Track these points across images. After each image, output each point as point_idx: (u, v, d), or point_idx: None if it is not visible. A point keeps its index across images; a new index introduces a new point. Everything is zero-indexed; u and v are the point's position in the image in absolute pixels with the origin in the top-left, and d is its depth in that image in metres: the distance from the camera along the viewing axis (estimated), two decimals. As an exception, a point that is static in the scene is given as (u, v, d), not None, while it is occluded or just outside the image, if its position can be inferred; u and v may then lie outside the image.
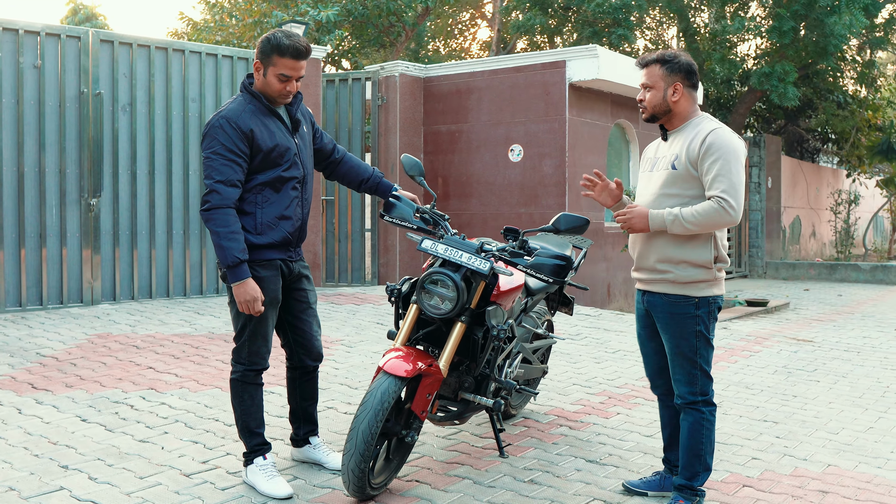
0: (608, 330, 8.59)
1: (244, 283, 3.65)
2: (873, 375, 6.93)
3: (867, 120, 19.57)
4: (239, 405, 3.90)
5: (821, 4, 14.67)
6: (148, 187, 9.19)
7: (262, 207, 3.78)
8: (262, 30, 14.25)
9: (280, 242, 3.84)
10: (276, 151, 3.78)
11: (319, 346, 4.16)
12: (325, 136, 4.24)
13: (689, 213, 3.50)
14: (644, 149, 4.03)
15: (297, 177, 3.88)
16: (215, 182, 3.65)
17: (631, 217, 3.61)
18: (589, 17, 17.24)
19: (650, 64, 3.74)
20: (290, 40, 3.74)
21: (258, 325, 3.84)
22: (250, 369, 3.89)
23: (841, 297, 13.63)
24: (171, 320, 7.92)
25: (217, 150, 3.67)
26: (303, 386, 4.18)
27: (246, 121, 3.71)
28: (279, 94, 3.78)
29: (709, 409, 3.67)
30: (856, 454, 4.77)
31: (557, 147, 10.49)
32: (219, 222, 3.63)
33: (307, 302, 4.09)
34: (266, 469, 3.86)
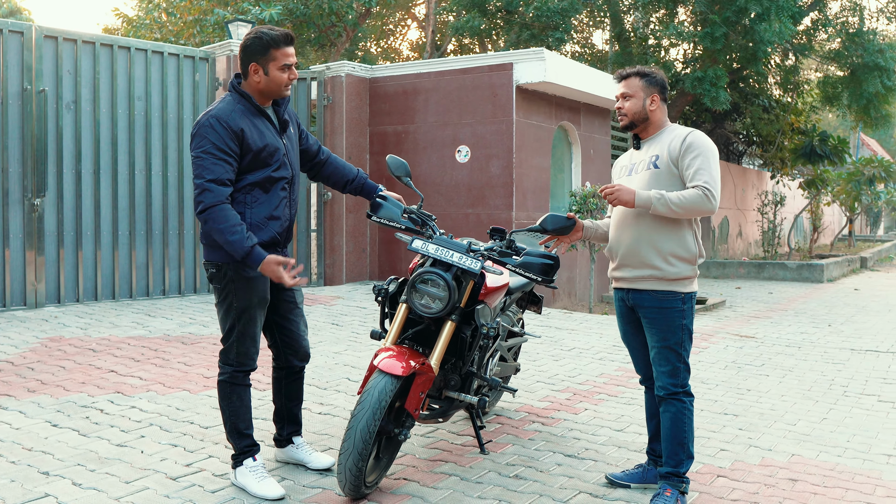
0: (560, 328, 8.74)
1: (266, 261, 3.63)
2: (817, 370, 7.22)
3: (791, 124, 20.27)
4: (227, 406, 3.88)
5: (751, 11, 15.15)
6: (93, 187, 8.99)
7: (252, 208, 3.78)
8: (202, 27, 14.06)
9: (269, 242, 3.84)
10: (265, 151, 3.79)
11: (307, 345, 4.17)
12: (310, 138, 4.25)
13: (674, 195, 3.67)
14: (617, 162, 4.20)
15: (286, 177, 3.89)
16: (206, 181, 3.63)
17: (619, 189, 3.70)
18: (527, 21, 17.46)
19: (630, 76, 3.95)
20: (277, 31, 3.79)
21: (246, 325, 3.84)
22: (239, 370, 3.88)
23: (772, 294, 14.10)
24: (123, 323, 7.77)
25: (207, 148, 3.66)
26: (289, 386, 4.19)
27: (236, 120, 3.71)
28: (285, 85, 3.80)
29: (689, 399, 3.83)
30: (815, 444, 4.98)
31: (505, 148, 10.62)
32: (217, 219, 3.60)
33: (294, 302, 4.10)
34: (256, 470, 3.85)
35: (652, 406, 4.11)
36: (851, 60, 18.01)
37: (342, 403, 5.42)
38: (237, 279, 3.77)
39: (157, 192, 9.50)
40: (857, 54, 17.60)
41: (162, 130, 9.55)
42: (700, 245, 3.85)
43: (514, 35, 17.86)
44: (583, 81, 11.43)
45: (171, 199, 9.62)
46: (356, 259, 11.44)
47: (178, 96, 9.70)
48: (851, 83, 18.33)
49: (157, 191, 9.51)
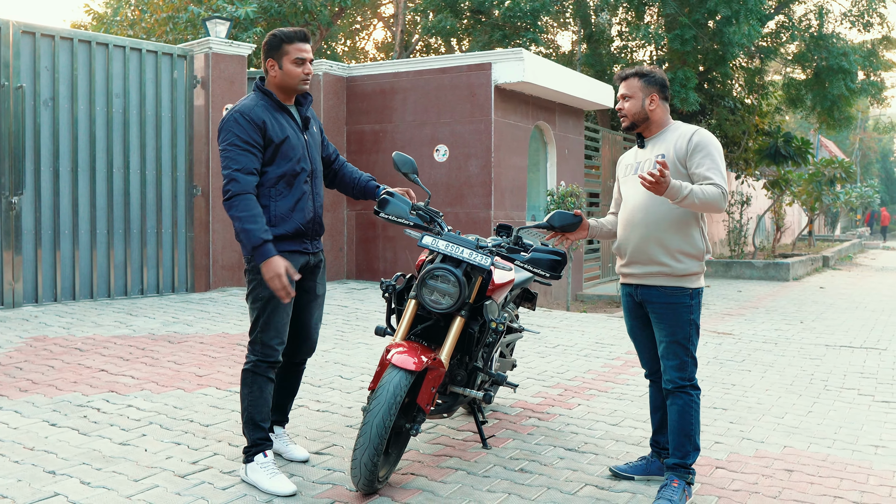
0: (542, 326, 8.82)
1: (271, 260, 3.72)
2: (796, 365, 7.38)
3: (755, 125, 20.60)
4: (248, 395, 3.93)
5: (720, 14, 15.39)
6: (71, 185, 8.89)
7: (276, 201, 3.90)
8: (175, 25, 13.93)
9: (293, 234, 3.95)
10: (286, 144, 3.92)
11: (315, 339, 4.24)
12: (330, 146, 4.38)
13: (699, 189, 3.70)
14: (620, 160, 4.26)
15: (306, 170, 4.01)
16: (233, 171, 3.78)
17: (665, 181, 3.58)
18: (498, 21, 17.55)
19: (629, 77, 4.02)
20: (292, 29, 3.97)
21: (271, 315, 3.90)
22: (262, 361, 3.93)
23: (741, 293, 14.34)
24: (106, 322, 7.70)
25: (233, 141, 3.81)
26: (287, 378, 4.25)
27: (259, 113, 3.87)
28: (300, 78, 3.94)
29: (696, 392, 3.91)
30: (805, 436, 5.11)
31: (483, 147, 10.69)
32: (240, 207, 3.73)
33: (314, 293, 4.18)
34: (267, 467, 3.87)
35: (657, 399, 4.18)
36: (815, 63, 18.37)
37: (338, 400, 5.44)
38: (289, 265, 3.84)
39: (135, 191, 9.42)
40: (822, 57, 17.96)
41: (140, 128, 9.47)
42: (707, 241, 3.94)
43: (486, 36, 17.95)
44: (559, 82, 11.54)
45: (150, 197, 9.54)
46: (333, 258, 11.43)
47: (157, 94, 9.63)
48: (815, 85, 18.71)
49: (136, 189, 9.43)
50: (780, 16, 19.11)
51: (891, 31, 20.05)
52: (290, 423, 4.83)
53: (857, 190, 31.27)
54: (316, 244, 4.12)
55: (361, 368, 6.39)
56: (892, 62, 22.13)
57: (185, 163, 9.89)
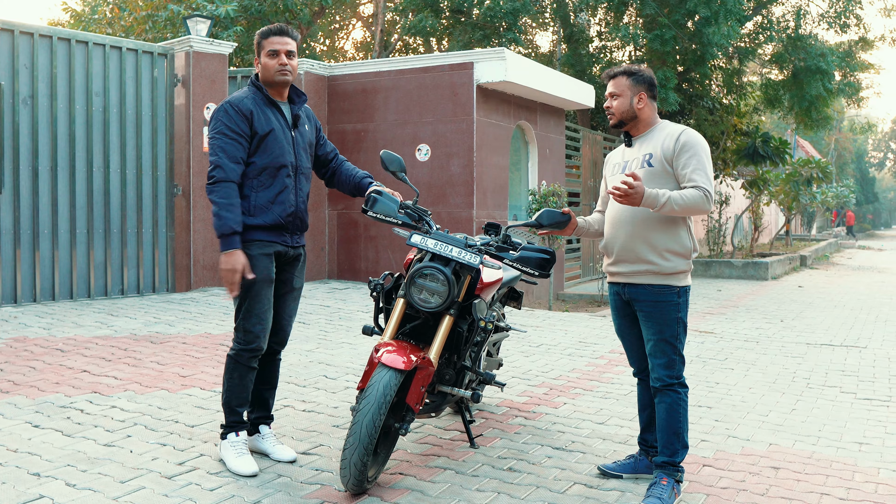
0: (525, 325, 8.83)
1: (232, 252, 3.87)
2: (778, 363, 7.43)
3: (734, 125, 20.74)
4: (227, 380, 4.09)
5: (700, 15, 15.48)
6: (50, 184, 8.80)
7: (257, 191, 4.01)
8: (154, 23, 13.81)
9: (271, 225, 4.03)
10: (271, 137, 4.01)
11: (287, 331, 4.30)
12: (328, 145, 4.45)
13: (677, 195, 3.74)
14: (608, 158, 4.27)
15: (289, 164, 4.07)
16: (220, 158, 3.92)
17: (635, 192, 3.67)
18: (478, 21, 17.56)
19: (618, 76, 4.03)
20: (270, 26, 4.11)
21: (252, 302, 4.01)
22: (245, 349, 4.04)
23: (720, 291, 14.43)
24: (86, 322, 7.63)
25: (221, 129, 3.94)
26: (263, 368, 4.28)
27: (247, 105, 4.00)
28: (275, 70, 4.03)
29: (684, 390, 3.93)
30: (790, 433, 5.14)
31: (465, 147, 10.68)
32: (220, 194, 3.88)
33: (290, 284, 4.24)
34: (237, 446, 4.04)
35: (644, 398, 4.19)
36: (793, 64, 18.52)
37: (324, 400, 5.41)
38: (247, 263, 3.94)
39: (115, 190, 9.34)
40: (800, 58, 18.10)
41: (120, 127, 9.39)
42: (693, 239, 3.95)
43: (466, 36, 17.95)
44: (540, 81, 11.56)
45: (130, 196, 9.46)
46: (315, 258, 11.39)
47: (137, 92, 9.55)
48: (793, 86, 18.85)
49: (116, 188, 9.35)
50: (759, 17, 19.25)
51: (867, 32, 20.24)
52: (277, 424, 4.81)
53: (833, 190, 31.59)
54: (296, 239, 4.18)
55: (346, 368, 6.36)
56: (868, 63, 22.35)
57: (165, 162, 9.82)
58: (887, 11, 21.74)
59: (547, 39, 23.48)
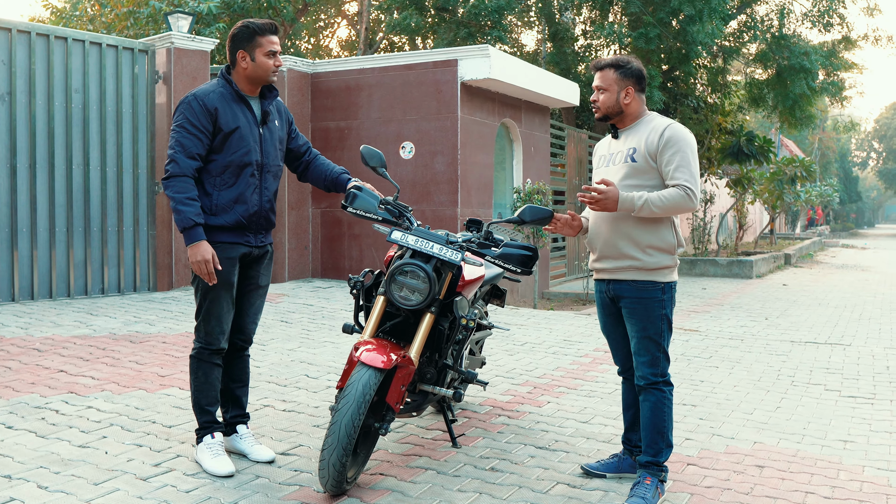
0: (509, 323, 8.78)
1: (198, 244, 3.82)
2: (763, 361, 7.40)
3: (718, 124, 20.76)
4: (194, 381, 4.05)
5: (684, 13, 15.48)
6: (29, 182, 8.68)
7: (220, 190, 3.94)
8: (135, 20, 13.68)
9: (233, 226, 3.97)
10: (236, 135, 3.93)
11: (251, 329, 4.24)
12: (300, 138, 4.36)
13: (656, 197, 3.69)
14: (596, 149, 4.20)
15: (254, 163, 4.00)
16: (175, 152, 3.85)
17: (606, 197, 3.68)
18: (463, 19, 17.50)
19: (605, 68, 3.92)
20: (263, 21, 4.00)
21: (211, 304, 3.97)
22: (205, 347, 4.02)
23: (705, 290, 14.43)
24: (65, 322, 7.52)
25: (182, 123, 3.87)
26: (230, 365, 4.23)
27: (213, 100, 3.91)
28: (271, 70, 3.97)
29: (668, 388, 3.87)
30: (774, 432, 5.10)
31: (449, 145, 10.62)
32: (176, 188, 3.81)
33: (255, 282, 4.18)
34: (213, 447, 3.98)
35: (629, 397, 4.14)
36: (777, 63, 18.56)
37: (305, 400, 5.34)
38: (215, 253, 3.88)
39: (95, 188, 9.22)
40: (784, 57, 18.14)
41: (100, 124, 9.28)
42: (679, 235, 3.88)
43: (450, 34, 17.89)
44: (525, 79, 11.51)
45: (110, 194, 9.35)
46: (298, 256, 11.30)
47: (117, 89, 9.43)
48: (777, 85, 18.90)
49: (96, 186, 9.23)
50: (743, 15, 19.29)
51: (850, 31, 20.34)
52: (256, 424, 4.74)
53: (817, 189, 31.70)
54: (261, 238, 4.12)
55: (328, 367, 6.29)
56: (851, 62, 22.45)
57: (146, 159, 9.71)
58: (870, 11, 21.84)
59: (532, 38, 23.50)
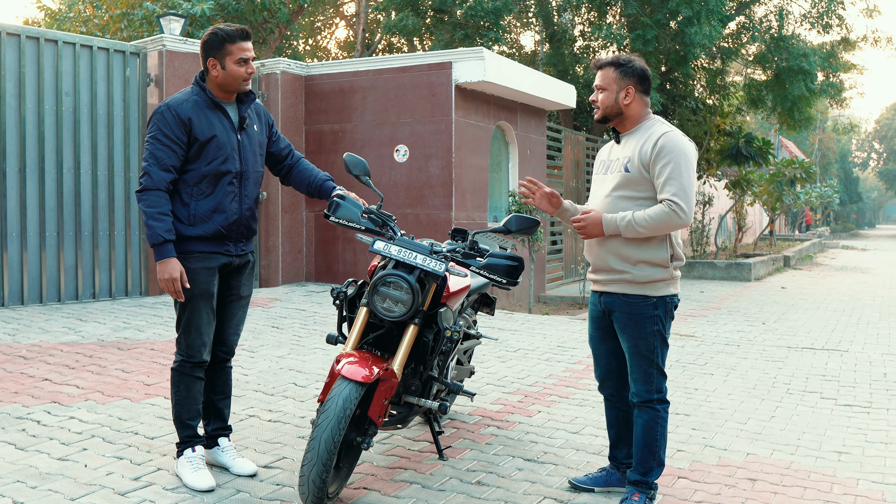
0: (503, 329, 8.70)
1: (167, 261, 3.74)
2: (758, 368, 7.32)
3: (717, 126, 20.68)
4: (175, 394, 3.97)
5: (682, 14, 15.39)
6: (18, 186, 8.61)
7: (197, 199, 3.86)
8: (129, 22, 13.61)
9: (212, 235, 3.89)
10: (212, 143, 3.85)
11: (233, 341, 4.16)
12: (281, 141, 4.27)
13: (641, 217, 3.56)
14: (599, 153, 4.09)
15: (232, 171, 3.92)
16: (149, 165, 3.78)
17: (586, 224, 3.65)
18: (460, 20, 17.42)
19: (605, 66, 3.78)
20: (234, 27, 3.89)
21: (191, 316, 3.89)
22: (186, 360, 3.94)
23: (703, 293, 14.35)
24: (53, 328, 7.44)
25: (155, 134, 3.80)
26: (212, 377, 4.15)
27: (186, 110, 3.82)
28: (243, 78, 3.87)
29: (663, 406, 3.77)
30: (768, 442, 5.02)
31: (444, 148, 10.54)
32: (148, 203, 3.74)
33: (237, 294, 4.10)
34: (193, 461, 3.91)
35: (611, 416, 4.04)
36: (776, 64, 18.47)
37: (291, 410, 5.26)
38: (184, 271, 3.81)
39: (86, 192, 9.15)
40: (782, 58, 18.05)
41: (91, 127, 9.20)
42: (676, 249, 3.71)
43: (448, 35, 17.81)
44: (520, 81, 11.43)
45: (101, 198, 9.27)
46: (292, 260, 11.23)
47: (108, 92, 9.36)
48: (776, 86, 18.80)
49: (87, 190, 9.16)
50: (741, 17, 19.19)
51: (849, 32, 20.22)
52: (240, 435, 4.66)
53: (817, 190, 31.63)
54: (241, 247, 4.04)
55: (317, 375, 6.21)
56: (851, 64, 22.35)
57: (138, 163, 9.63)
58: (869, 12, 21.74)
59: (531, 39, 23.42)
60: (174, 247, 3.77)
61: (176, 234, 3.79)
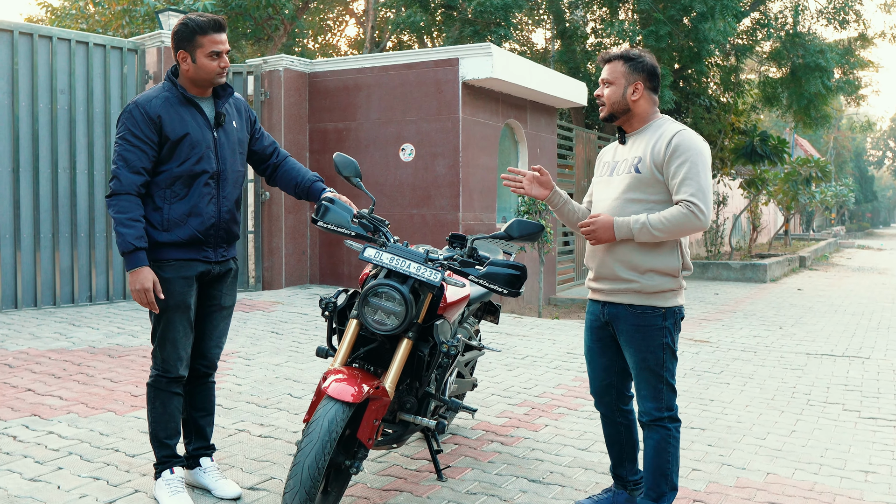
0: (511, 335, 8.41)
1: (138, 270, 3.47)
2: (777, 376, 7.00)
3: (731, 124, 20.30)
4: (151, 411, 3.69)
5: (696, 10, 15.05)
6: (12, 186, 8.37)
7: (171, 203, 3.58)
8: (131, 18, 13.38)
9: (188, 241, 3.61)
10: (185, 142, 3.57)
11: (215, 354, 3.88)
12: (265, 139, 3.98)
13: (656, 219, 3.30)
14: (601, 154, 3.81)
15: (208, 171, 3.63)
16: (118, 168, 3.51)
17: (595, 228, 3.38)
18: (469, 17, 17.13)
19: (613, 60, 3.51)
20: (206, 17, 3.60)
21: (166, 329, 3.62)
22: (162, 375, 3.66)
23: (718, 295, 14.01)
24: (44, 333, 7.20)
25: (123, 134, 3.53)
26: (193, 393, 3.88)
27: (155, 107, 3.54)
28: (215, 73, 3.59)
29: (674, 425, 3.49)
30: (789, 460, 4.72)
31: (451, 146, 10.25)
32: (117, 208, 3.48)
33: (218, 304, 3.82)
34: (172, 484, 3.64)
35: (612, 433, 3.75)
36: (791, 61, 18.09)
37: (284, 424, 4.98)
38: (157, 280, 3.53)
39: (82, 192, 8.91)
40: (798, 55, 17.68)
41: (87, 126, 8.96)
42: (685, 257, 3.47)
43: (456, 31, 17.51)
44: (530, 78, 11.13)
45: (98, 198, 9.03)
46: (296, 262, 10.96)
47: (105, 90, 9.12)
48: (791, 83, 18.43)
49: (83, 190, 8.91)
50: (756, 13, 18.82)
51: (867, 28, 19.84)
52: (226, 452, 4.39)
53: (832, 189, 31.18)
54: (222, 252, 3.74)
55: (314, 385, 5.93)
56: (867, 60, 21.92)
57: (136, 163, 9.37)
58: (887, 7, 21.34)
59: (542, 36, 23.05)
60: (147, 255, 3.50)
61: (149, 241, 3.53)
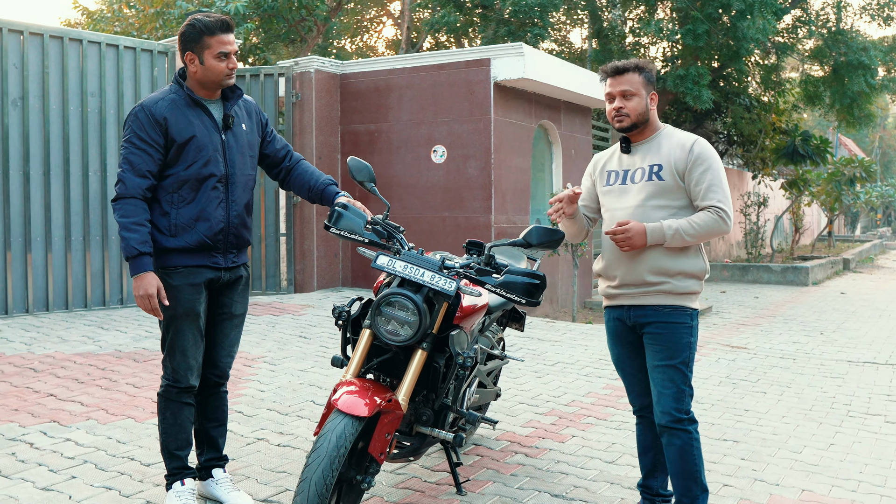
0: (542, 340, 8.25)
1: (142, 276, 3.37)
2: (816, 385, 6.77)
3: (772, 123, 19.90)
4: (161, 421, 3.62)
5: (734, 8, 14.75)
6: (43, 189, 8.39)
7: (178, 207, 3.50)
8: (164, 21, 13.43)
9: (196, 247, 3.52)
10: (192, 145, 3.49)
11: (226, 363, 3.79)
12: (277, 142, 3.89)
13: (687, 224, 3.34)
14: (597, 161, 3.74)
15: (216, 174, 3.55)
16: (123, 171, 3.44)
17: (631, 235, 3.32)
18: (505, 16, 16.97)
19: (629, 71, 3.50)
20: (213, 17, 3.53)
21: (174, 337, 3.54)
22: (172, 385, 3.58)
23: (758, 299, 13.71)
24: (72, 337, 7.19)
25: (129, 137, 3.47)
26: (204, 403, 3.79)
27: (161, 109, 3.46)
28: (223, 74, 3.51)
29: (694, 426, 3.46)
30: (826, 476, 4.52)
31: (483, 148, 10.12)
32: (122, 212, 3.41)
33: (229, 312, 3.75)
34: (182, 495, 3.55)
35: (646, 440, 3.63)
36: (834, 59, 17.68)
37: (304, 433, 4.89)
38: (165, 288, 3.45)
39: (112, 195, 8.89)
40: (841, 52, 17.27)
41: (117, 129, 8.97)
42: (706, 259, 3.50)
43: (492, 31, 17.37)
44: (563, 78, 10.95)
45: (128, 202, 9.02)
46: (328, 265, 10.90)
47: (136, 92, 9.12)
48: (834, 82, 18.02)
49: (113, 193, 8.91)
50: (797, 10, 18.42)
51: (913, 25, 19.32)
52: (244, 462, 4.30)
53: (877, 189, 30.49)
54: (232, 259, 3.66)
55: (337, 392, 5.83)
56: (914, 57, 21.35)
57: (166, 165, 9.38)
58: (934, 3, 20.74)
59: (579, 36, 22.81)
60: (154, 261, 3.43)
61: (157, 247, 3.46)
